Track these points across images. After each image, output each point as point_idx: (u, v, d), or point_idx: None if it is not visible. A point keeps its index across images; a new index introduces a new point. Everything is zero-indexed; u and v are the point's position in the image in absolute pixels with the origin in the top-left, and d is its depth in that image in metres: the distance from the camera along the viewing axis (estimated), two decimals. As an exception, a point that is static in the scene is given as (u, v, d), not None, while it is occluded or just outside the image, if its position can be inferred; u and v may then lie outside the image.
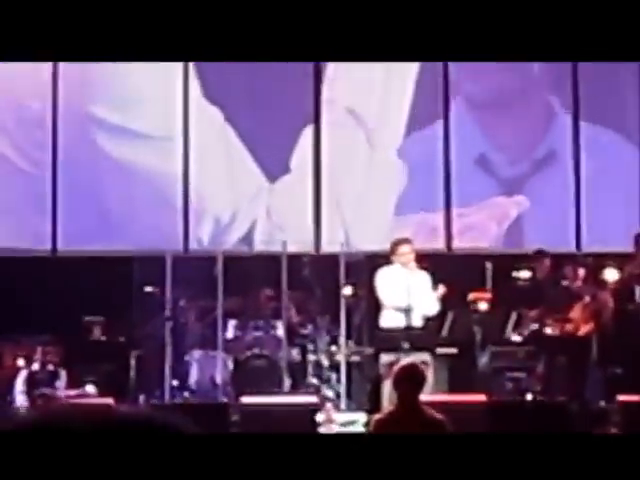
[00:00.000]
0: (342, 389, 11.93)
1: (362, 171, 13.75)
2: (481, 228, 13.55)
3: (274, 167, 13.34)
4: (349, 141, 13.73)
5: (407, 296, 10.85)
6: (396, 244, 10.99)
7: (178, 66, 13.53)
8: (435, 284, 11.07)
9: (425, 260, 11.28)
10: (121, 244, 12.21)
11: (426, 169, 13.68)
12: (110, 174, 13.20)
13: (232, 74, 13.72)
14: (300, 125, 13.47)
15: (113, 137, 13.49)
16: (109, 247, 12.16)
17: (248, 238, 12.80)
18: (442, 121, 13.76)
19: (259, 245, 12.80)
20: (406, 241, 11.07)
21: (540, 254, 12.11)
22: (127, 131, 13.56)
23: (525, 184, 13.84)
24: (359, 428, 10.48)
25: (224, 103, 13.69)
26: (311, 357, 12.12)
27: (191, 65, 13.63)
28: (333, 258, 12.25)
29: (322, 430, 10.37)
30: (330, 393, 11.87)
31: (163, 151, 13.52)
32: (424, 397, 7.87)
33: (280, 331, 11.96)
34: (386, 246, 11.37)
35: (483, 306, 11.52)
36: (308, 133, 13.58)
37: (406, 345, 10.61)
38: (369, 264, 12.04)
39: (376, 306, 11.33)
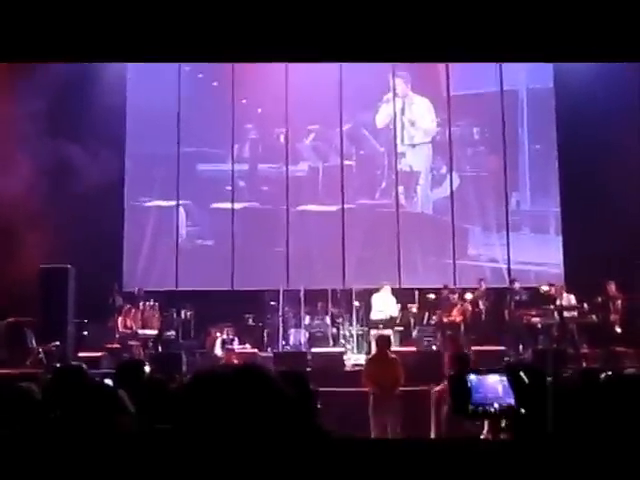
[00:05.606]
0: (355, 345, 16.66)
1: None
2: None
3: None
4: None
5: (384, 306, 16.47)
6: (380, 285, 16.64)
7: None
8: (396, 301, 16.61)
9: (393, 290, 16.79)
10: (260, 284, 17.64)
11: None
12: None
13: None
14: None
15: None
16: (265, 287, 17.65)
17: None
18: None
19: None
20: (386, 283, 16.65)
21: (445, 287, 17.10)
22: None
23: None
24: (362, 361, 13.55)
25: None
26: (341, 332, 16.88)
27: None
28: (350, 290, 17.35)
29: (346, 362, 14.68)
30: (349, 347, 16.53)
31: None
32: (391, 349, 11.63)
33: (328, 320, 16.98)
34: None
35: (414, 310, 17.05)
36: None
37: (381, 326, 15.79)
38: (368, 292, 16.93)
39: (369, 309, 16.63)
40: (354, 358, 15.60)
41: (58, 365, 10.52)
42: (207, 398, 1.85)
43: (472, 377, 4.73)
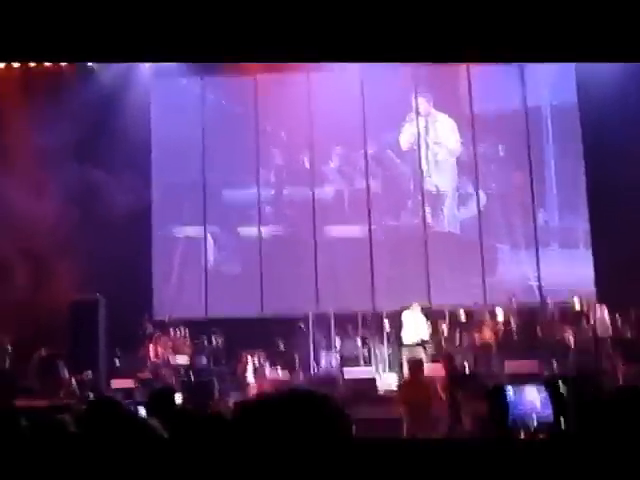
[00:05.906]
0: (386, 366, 16.60)
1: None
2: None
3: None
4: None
5: (414, 325, 16.41)
6: (411, 303, 16.56)
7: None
8: (427, 320, 16.50)
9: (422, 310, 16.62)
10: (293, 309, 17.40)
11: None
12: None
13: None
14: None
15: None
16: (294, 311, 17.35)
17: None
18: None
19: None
20: (415, 301, 16.61)
21: (476, 306, 17.05)
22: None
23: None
24: (393, 386, 13.97)
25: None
26: (372, 352, 16.84)
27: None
28: (380, 312, 17.26)
29: (378, 386, 14.91)
30: (380, 368, 16.52)
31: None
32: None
33: (359, 342, 16.96)
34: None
35: (445, 329, 16.83)
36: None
37: (413, 347, 16.08)
38: (398, 313, 16.69)
39: (400, 327, 16.54)
40: (386, 378, 15.81)
41: (92, 396, 11.12)
42: (260, 425, 1.83)
43: (510, 392, 4.52)
